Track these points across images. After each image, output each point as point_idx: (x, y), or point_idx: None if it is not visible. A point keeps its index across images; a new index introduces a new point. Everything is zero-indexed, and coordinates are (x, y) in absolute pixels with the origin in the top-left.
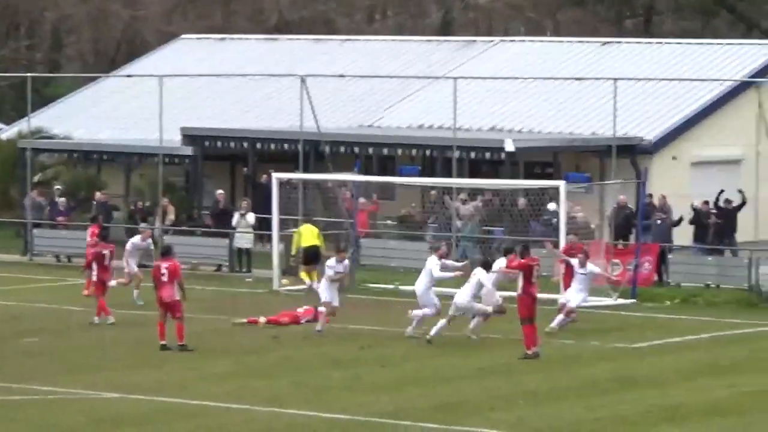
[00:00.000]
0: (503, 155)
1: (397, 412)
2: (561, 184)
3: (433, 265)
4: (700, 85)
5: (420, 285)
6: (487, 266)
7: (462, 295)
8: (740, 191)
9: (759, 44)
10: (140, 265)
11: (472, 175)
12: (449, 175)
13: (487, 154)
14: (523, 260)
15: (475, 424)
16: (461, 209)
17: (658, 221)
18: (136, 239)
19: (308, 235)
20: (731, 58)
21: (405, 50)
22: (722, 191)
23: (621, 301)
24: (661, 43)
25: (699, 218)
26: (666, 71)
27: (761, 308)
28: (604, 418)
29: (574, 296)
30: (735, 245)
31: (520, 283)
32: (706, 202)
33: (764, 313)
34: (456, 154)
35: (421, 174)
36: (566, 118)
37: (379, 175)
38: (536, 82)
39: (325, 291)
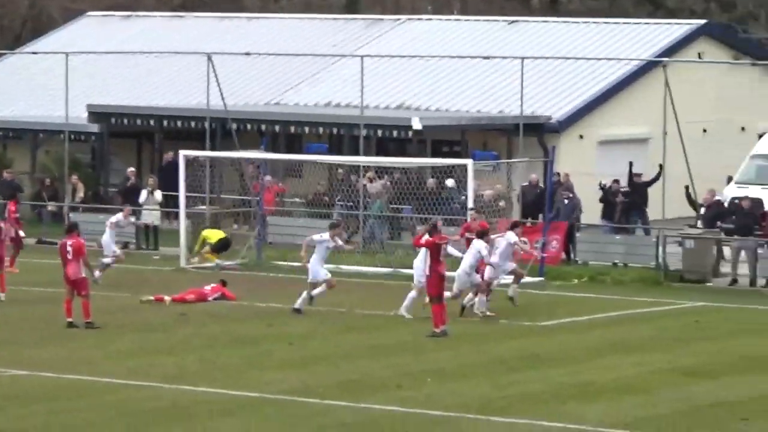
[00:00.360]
0: (410, 133)
1: (305, 389)
2: (468, 162)
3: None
4: (607, 64)
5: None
6: (482, 235)
7: (461, 267)
8: (660, 165)
9: (665, 23)
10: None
11: (379, 154)
12: (357, 154)
13: (395, 133)
14: (430, 238)
15: (383, 402)
16: (369, 187)
17: (566, 200)
18: (119, 217)
19: (214, 234)
20: (638, 37)
21: (312, 28)
22: (632, 163)
23: (529, 279)
24: (568, 22)
25: (607, 196)
26: (573, 50)
27: (667, 286)
28: (512, 396)
29: (487, 272)
30: (647, 220)
31: (428, 261)
32: (617, 181)
33: (670, 292)
34: (363, 132)
35: (329, 152)
36: (474, 96)
37: (286, 153)
38: (443, 61)
39: (317, 269)
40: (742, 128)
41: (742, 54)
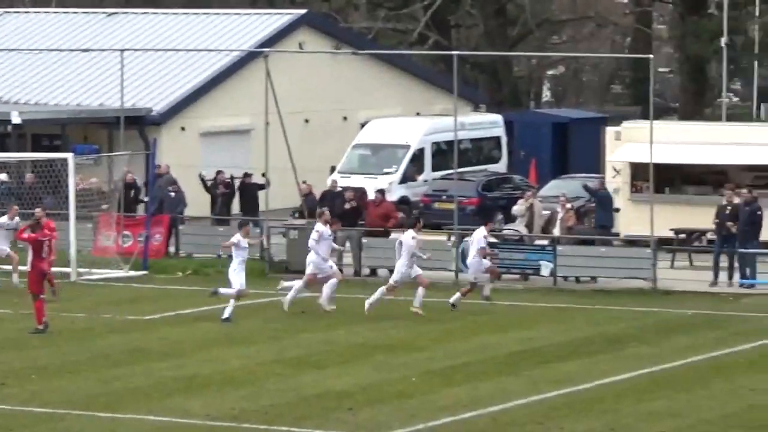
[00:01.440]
0: (10, 128)
1: None
2: (69, 156)
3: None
4: (208, 56)
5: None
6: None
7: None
8: (264, 174)
9: (266, 14)
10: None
11: None
12: None
13: None
14: (33, 234)
15: None
16: None
17: (172, 193)
18: (3, 219)
19: None
20: (239, 27)
21: None
22: (201, 175)
23: (132, 273)
24: (168, 13)
25: (208, 189)
26: (174, 42)
27: (271, 278)
28: (118, 391)
29: None
30: (258, 214)
31: (30, 258)
32: (220, 172)
33: (274, 283)
34: None
35: None
36: (74, 89)
37: None
38: (43, 54)
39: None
40: (344, 118)
41: (343, 43)
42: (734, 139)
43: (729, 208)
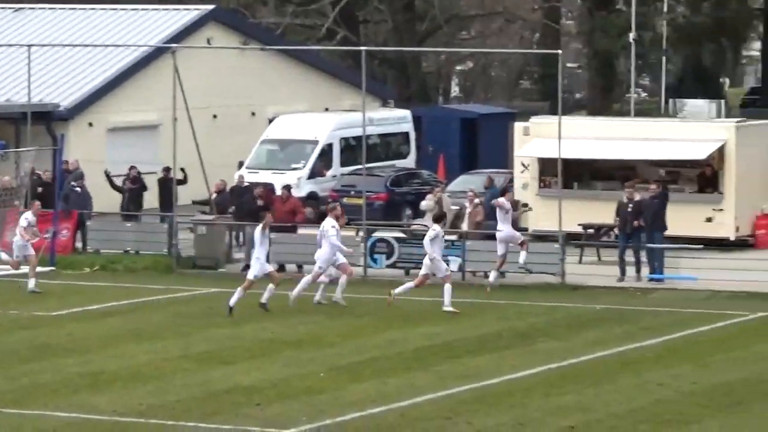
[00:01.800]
0: None
1: None
2: None
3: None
4: (116, 51)
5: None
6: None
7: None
8: (182, 169)
9: (174, 9)
10: None
11: None
12: None
13: None
14: None
15: None
16: None
17: (78, 189)
18: (29, 215)
19: None
20: (148, 23)
21: None
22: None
23: (40, 268)
24: (76, 9)
25: (114, 185)
26: (82, 37)
27: (180, 273)
28: (25, 387)
29: None
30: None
31: None
32: (134, 167)
33: (183, 278)
34: None
35: None
36: None
37: None
38: None
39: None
40: (253, 113)
41: (251, 39)
42: (643, 135)
43: (631, 205)
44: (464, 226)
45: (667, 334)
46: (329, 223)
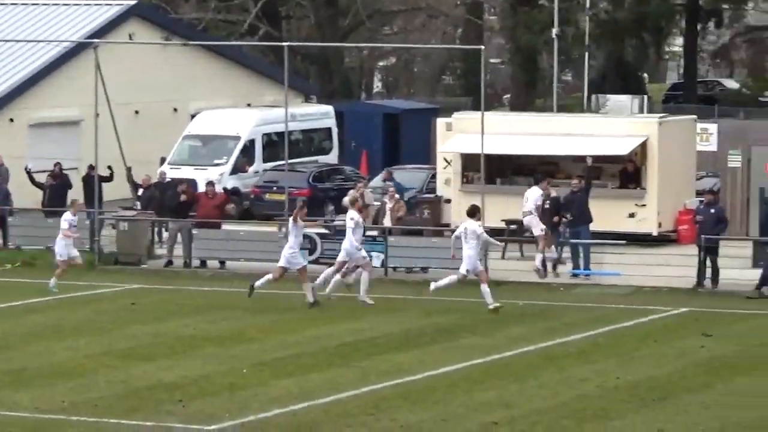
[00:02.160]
0: None
1: None
2: None
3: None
4: (37, 47)
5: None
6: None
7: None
8: (110, 167)
9: (96, 5)
10: None
11: None
12: None
13: None
14: None
15: None
16: None
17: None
18: (69, 215)
19: None
20: (69, 18)
21: None
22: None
23: None
24: None
25: (35, 182)
26: (1, 33)
27: (102, 270)
28: None
29: None
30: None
31: None
32: (58, 164)
33: (105, 275)
34: None
35: None
36: None
37: None
38: None
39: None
40: (175, 109)
41: (173, 34)
42: (565, 130)
43: (548, 202)
44: (386, 222)
45: (591, 329)
46: (349, 215)
